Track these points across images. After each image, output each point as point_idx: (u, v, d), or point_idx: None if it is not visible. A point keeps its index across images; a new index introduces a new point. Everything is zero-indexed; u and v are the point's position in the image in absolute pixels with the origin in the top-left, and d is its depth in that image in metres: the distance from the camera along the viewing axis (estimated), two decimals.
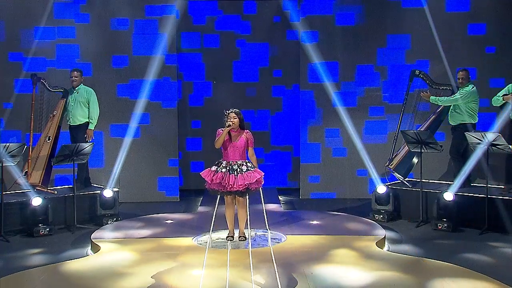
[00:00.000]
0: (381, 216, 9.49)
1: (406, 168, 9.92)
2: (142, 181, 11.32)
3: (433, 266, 7.02)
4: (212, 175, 7.67)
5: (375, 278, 6.54)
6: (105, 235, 8.43)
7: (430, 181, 9.88)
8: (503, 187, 9.21)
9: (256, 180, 7.65)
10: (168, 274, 6.70)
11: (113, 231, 8.71)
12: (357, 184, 11.33)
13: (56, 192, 9.57)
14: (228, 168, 7.65)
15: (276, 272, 6.52)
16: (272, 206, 10.18)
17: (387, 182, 10.06)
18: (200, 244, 7.93)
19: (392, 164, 10.01)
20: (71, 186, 9.66)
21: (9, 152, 8.61)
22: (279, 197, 11.43)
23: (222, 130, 7.74)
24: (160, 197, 11.33)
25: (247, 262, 6.93)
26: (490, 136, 8.69)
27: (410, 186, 9.68)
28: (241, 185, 7.56)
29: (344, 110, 11.25)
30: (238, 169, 7.64)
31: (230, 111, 7.79)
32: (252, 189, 7.71)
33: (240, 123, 7.79)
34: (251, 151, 7.85)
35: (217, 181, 7.62)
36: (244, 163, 7.70)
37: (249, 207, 8.03)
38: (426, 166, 9.47)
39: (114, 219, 9.42)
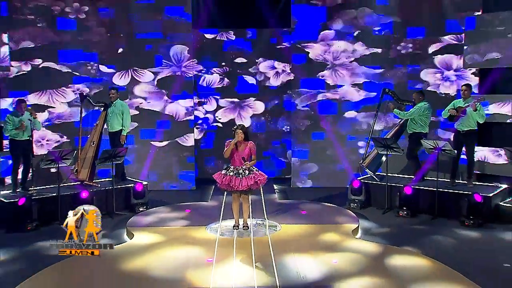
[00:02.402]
0: (356, 204, 9.66)
1: (376, 166, 10.00)
2: (166, 174, 11.47)
3: (393, 251, 7.18)
4: (222, 177, 7.82)
5: (348, 262, 6.71)
6: (137, 223, 8.55)
7: (394, 175, 9.95)
8: (449, 180, 9.44)
9: (256, 182, 7.77)
10: (185, 262, 6.80)
11: (144, 220, 8.77)
12: (337, 177, 11.42)
13: (99, 185, 9.74)
14: (234, 172, 7.77)
15: (273, 260, 6.66)
16: (269, 197, 10.10)
17: (360, 177, 10.24)
18: (212, 231, 8.04)
19: (365, 162, 10.14)
20: (110, 179, 9.77)
21: (63, 156, 8.93)
22: (274, 186, 11.50)
23: (230, 141, 7.85)
24: (181, 186, 11.44)
25: (250, 249, 7.08)
26: (440, 143, 9.00)
27: (378, 180, 9.81)
28: (245, 186, 7.70)
29: (328, 117, 11.46)
30: (243, 173, 7.76)
31: (236, 127, 7.87)
32: (253, 189, 7.86)
33: (245, 136, 7.89)
34: (254, 157, 7.89)
35: (225, 183, 7.77)
36: (248, 168, 7.83)
37: (251, 201, 8.12)
38: (391, 163, 9.59)
39: (145, 207, 9.56)
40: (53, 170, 9.35)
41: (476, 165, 9.95)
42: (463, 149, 9.32)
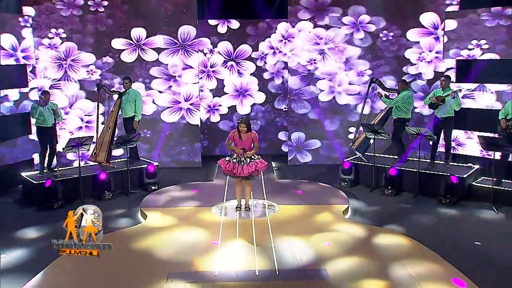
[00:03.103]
0: (346, 183, 9.80)
1: (364, 148, 10.12)
2: (176, 154, 11.58)
3: (379, 231, 7.33)
4: (225, 164, 7.88)
5: (339, 244, 6.84)
6: (150, 203, 8.63)
7: (380, 155, 10.07)
8: (429, 161, 9.63)
9: (256, 169, 7.84)
10: (192, 245, 6.88)
11: (156, 200, 8.86)
12: (331, 155, 11.60)
13: (115, 166, 9.83)
14: (237, 160, 7.82)
15: (272, 243, 6.75)
16: (268, 175, 10.10)
17: (350, 157, 10.35)
18: (217, 212, 8.12)
19: (354, 145, 10.25)
20: (125, 159, 9.88)
21: (82, 142, 9.06)
22: (273, 163, 11.55)
23: (234, 131, 7.92)
24: (189, 164, 11.54)
25: (251, 231, 7.19)
26: (422, 130, 9.13)
27: (366, 161, 9.94)
28: (246, 173, 7.77)
29: (321, 103, 11.50)
30: (244, 161, 7.81)
31: (240, 121, 7.82)
32: (254, 175, 7.92)
33: (248, 128, 7.87)
34: (256, 145, 7.92)
35: (229, 169, 7.85)
36: (249, 156, 7.85)
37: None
38: (378, 144, 9.77)
39: (156, 186, 9.69)
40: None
41: None
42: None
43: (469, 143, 10.51)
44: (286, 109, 12.08)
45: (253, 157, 7.90)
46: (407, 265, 6.24)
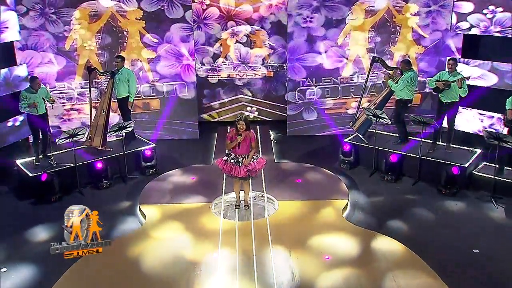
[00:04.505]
0: (345, 165, 9.82)
1: (365, 129, 10.00)
2: (175, 127, 11.51)
3: (375, 238, 7.29)
4: (223, 164, 7.84)
5: (338, 257, 6.84)
6: (149, 199, 8.52)
7: (382, 132, 10.09)
8: (431, 142, 9.52)
9: (254, 169, 7.80)
10: (191, 250, 6.98)
11: (154, 192, 8.79)
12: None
13: (111, 149, 9.69)
14: (234, 160, 7.76)
15: (270, 244, 6.91)
16: (267, 155, 9.87)
17: (349, 138, 10.21)
18: (216, 208, 8.13)
19: (355, 126, 10.12)
20: (121, 138, 9.71)
21: (77, 133, 8.93)
22: (271, 133, 11.51)
23: (232, 130, 7.78)
24: (187, 136, 11.52)
25: (251, 236, 7.26)
26: (425, 119, 9.08)
27: (367, 143, 9.86)
28: (243, 173, 7.76)
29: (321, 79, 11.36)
30: (242, 161, 7.77)
31: (239, 118, 7.66)
32: (253, 175, 7.91)
33: (246, 126, 7.70)
34: (254, 145, 7.80)
35: (227, 170, 7.81)
36: (247, 156, 7.78)
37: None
38: (379, 123, 9.65)
39: (154, 169, 9.68)
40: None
41: None
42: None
43: (470, 118, 10.39)
44: (285, 68, 11.81)
45: (253, 157, 7.85)
46: (401, 280, 6.35)
